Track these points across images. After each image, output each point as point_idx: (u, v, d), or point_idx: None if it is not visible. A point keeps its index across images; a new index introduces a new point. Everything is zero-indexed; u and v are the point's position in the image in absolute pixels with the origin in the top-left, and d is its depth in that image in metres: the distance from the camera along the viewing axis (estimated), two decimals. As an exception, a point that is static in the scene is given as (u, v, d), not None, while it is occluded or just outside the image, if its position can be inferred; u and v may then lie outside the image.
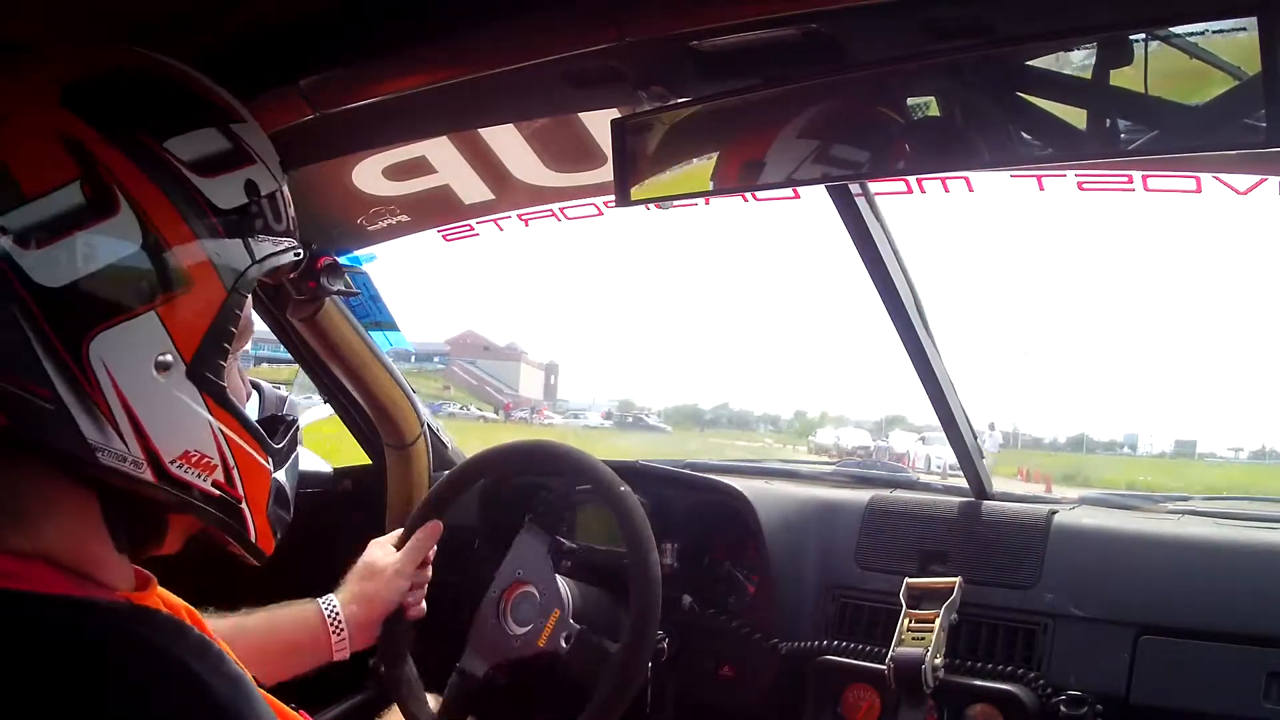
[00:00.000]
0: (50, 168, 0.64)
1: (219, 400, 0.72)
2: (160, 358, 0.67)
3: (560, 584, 1.49)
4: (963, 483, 1.69)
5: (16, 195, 0.63)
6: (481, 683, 1.46)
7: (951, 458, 1.70)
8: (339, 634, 1.29)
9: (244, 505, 0.76)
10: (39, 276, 0.63)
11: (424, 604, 1.44)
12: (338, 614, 1.30)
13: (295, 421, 0.86)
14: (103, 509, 0.70)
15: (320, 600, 1.32)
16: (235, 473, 0.74)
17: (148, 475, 0.68)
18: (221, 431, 0.72)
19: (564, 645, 1.43)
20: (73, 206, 0.64)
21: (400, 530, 1.47)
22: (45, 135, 0.65)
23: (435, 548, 1.45)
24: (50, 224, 0.63)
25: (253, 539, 0.78)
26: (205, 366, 0.71)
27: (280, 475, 0.81)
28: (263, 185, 0.74)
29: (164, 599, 0.83)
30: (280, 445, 0.81)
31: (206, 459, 0.71)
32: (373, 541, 1.45)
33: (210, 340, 0.70)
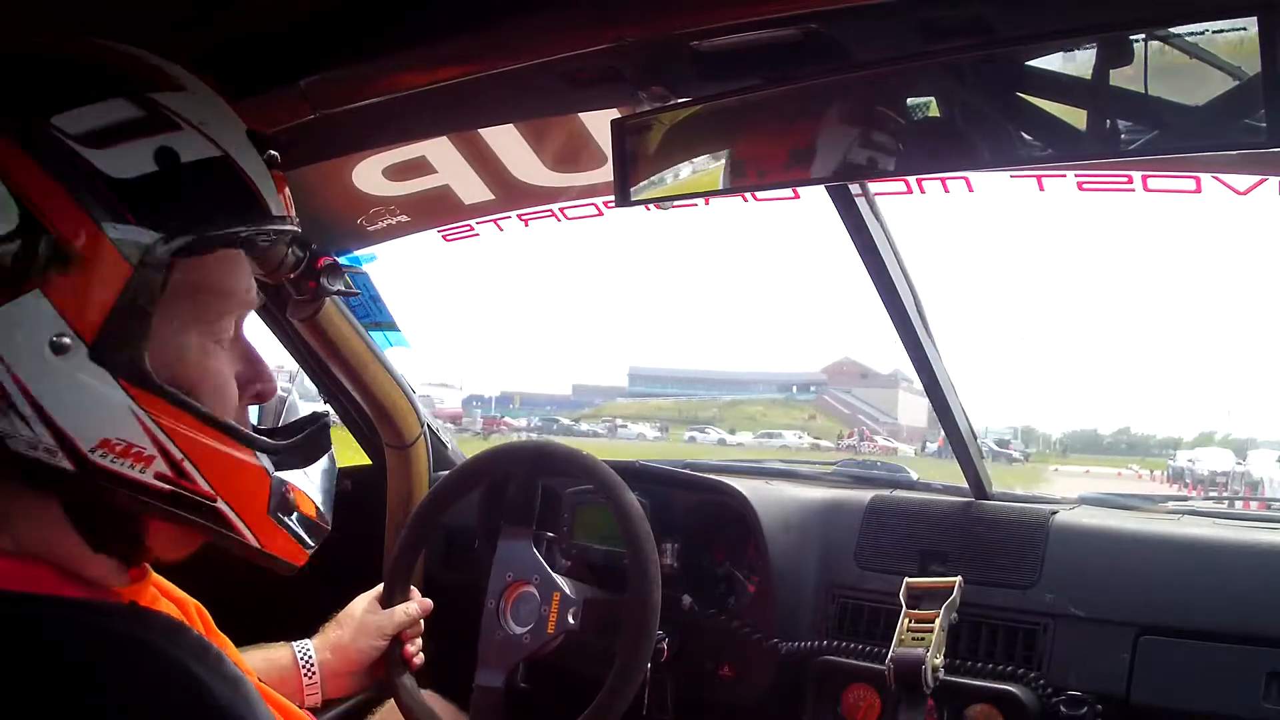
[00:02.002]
0: None
1: (142, 385, 0.67)
2: (56, 339, 0.64)
3: (553, 572, 1.49)
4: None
5: None
6: (503, 694, 1.44)
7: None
8: (311, 678, 1.28)
9: (220, 504, 0.71)
10: None
11: (422, 655, 1.43)
12: (311, 659, 1.30)
13: (314, 418, 0.82)
14: (65, 508, 0.69)
15: (295, 644, 1.31)
16: (188, 465, 0.69)
17: (64, 463, 0.65)
18: (153, 419, 0.67)
19: (573, 621, 1.43)
20: None
21: (381, 587, 1.45)
22: None
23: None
24: None
25: (254, 544, 0.74)
26: (117, 348, 0.66)
27: (293, 476, 0.76)
28: (187, 153, 0.68)
29: (168, 593, 0.82)
30: (285, 442, 0.77)
31: (136, 448, 0.67)
32: (361, 595, 1.44)
33: (118, 321, 0.66)
